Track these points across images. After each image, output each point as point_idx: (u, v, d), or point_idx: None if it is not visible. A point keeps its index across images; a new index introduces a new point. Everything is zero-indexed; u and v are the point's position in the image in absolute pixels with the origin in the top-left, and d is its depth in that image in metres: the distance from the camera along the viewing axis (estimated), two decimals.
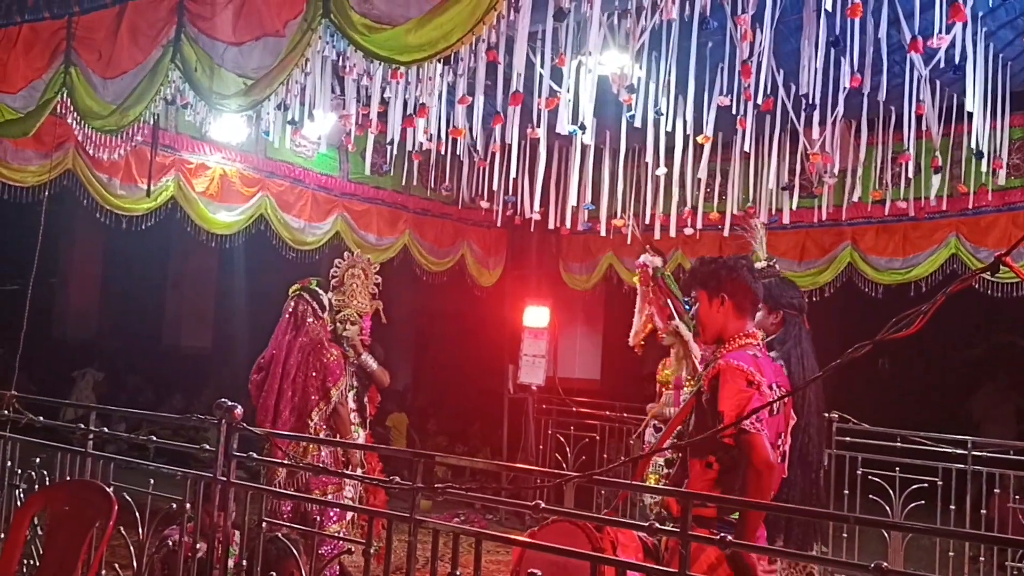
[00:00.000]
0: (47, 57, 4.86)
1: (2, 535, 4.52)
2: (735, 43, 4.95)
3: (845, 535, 6.59)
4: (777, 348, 4.08)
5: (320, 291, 5.70)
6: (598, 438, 8.39)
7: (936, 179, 6.11)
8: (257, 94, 4.08)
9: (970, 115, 5.21)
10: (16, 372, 5.04)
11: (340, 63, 4.85)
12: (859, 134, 6.14)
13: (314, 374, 5.43)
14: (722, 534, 2.54)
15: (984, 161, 5.95)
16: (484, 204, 7.48)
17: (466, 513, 8.37)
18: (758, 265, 4.46)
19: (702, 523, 2.94)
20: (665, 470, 5.50)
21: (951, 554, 6.29)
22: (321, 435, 5.32)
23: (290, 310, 5.55)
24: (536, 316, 9.13)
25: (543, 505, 2.96)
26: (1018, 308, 7.37)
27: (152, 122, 5.52)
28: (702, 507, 3.09)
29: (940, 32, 4.37)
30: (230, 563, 3.92)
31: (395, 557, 3.55)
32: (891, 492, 6.51)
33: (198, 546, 3.85)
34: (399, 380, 11.07)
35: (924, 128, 5.71)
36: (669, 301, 5.33)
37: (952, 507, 6.27)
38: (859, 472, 6.66)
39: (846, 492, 6.60)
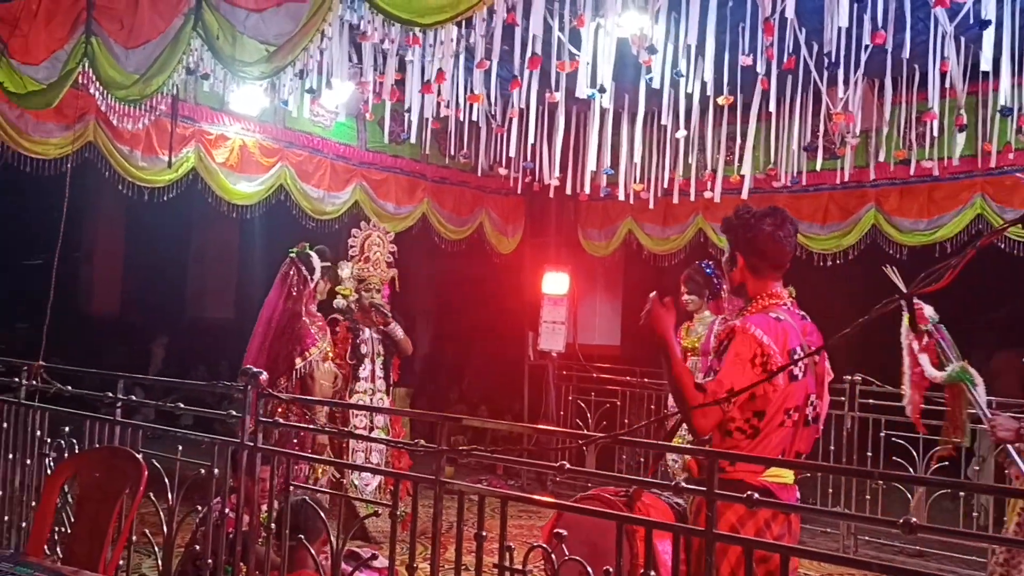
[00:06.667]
0: (68, 27, 4.86)
1: (34, 503, 4.60)
2: (756, 1, 4.88)
3: (868, 496, 6.60)
4: None
5: (312, 255, 5.75)
6: (619, 404, 8.41)
7: (961, 138, 6.03)
8: (279, 61, 4.06)
9: (988, 73, 5.11)
10: (43, 344, 5.09)
11: (359, 28, 4.82)
12: (882, 93, 6.05)
13: (284, 343, 5.52)
14: (749, 492, 2.54)
15: (1010, 119, 5.87)
16: (502, 171, 7.46)
17: (488, 479, 8.42)
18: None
19: (725, 486, 2.93)
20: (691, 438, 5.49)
21: (975, 515, 6.30)
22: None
23: (282, 271, 5.68)
24: (555, 283, 9.12)
25: (568, 466, 2.96)
26: None
27: (172, 93, 5.53)
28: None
29: None
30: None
31: (419, 522, 3.57)
32: (914, 454, 6.51)
33: (228, 512, 3.89)
34: (419, 349, 11.10)
35: (948, 86, 5.62)
36: (943, 345, 4.12)
37: (976, 468, 6.26)
38: (882, 434, 6.66)
39: (869, 454, 6.61)
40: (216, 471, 3.88)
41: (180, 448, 3.98)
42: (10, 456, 4.76)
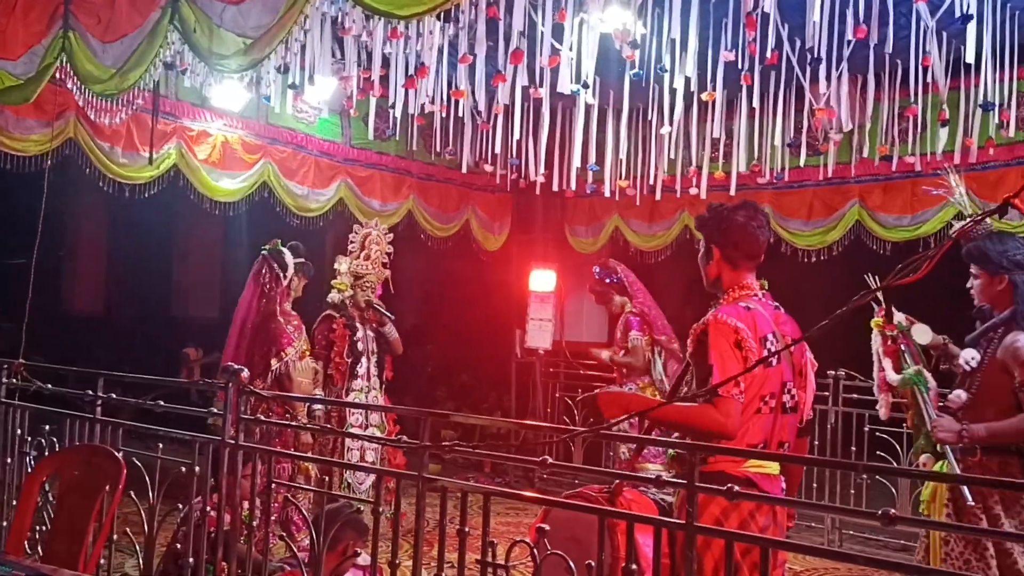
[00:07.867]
0: (45, 22, 4.82)
1: (14, 501, 4.57)
2: None
3: (853, 491, 6.62)
4: (1019, 326, 3.58)
5: (285, 251, 5.73)
6: None
7: (943, 133, 6.05)
8: (256, 53, 4.04)
9: (970, 67, 5.12)
10: (23, 342, 5.05)
11: (340, 22, 4.80)
12: (865, 89, 6.07)
13: (259, 344, 5.50)
14: (729, 485, 2.54)
15: (992, 114, 5.89)
16: (488, 168, 7.45)
17: (476, 476, 8.42)
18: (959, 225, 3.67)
19: (707, 479, 2.92)
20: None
21: None
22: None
23: (255, 269, 5.66)
24: (542, 280, 9.13)
25: (550, 460, 2.97)
26: None
27: (152, 89, 5.49)
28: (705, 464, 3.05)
29: None
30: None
31: (404, 520, 3.55)
32: (898, 449, 6.52)
33: (209, 511, 3.87)
34: (406, 346, 11.07)
35: (931, 81, 5.64)
36: (906, 351, 4.04)
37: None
38: (866, 429, 6.68)
39: (853, 449, 6.63)
40: (197, 469, 3.86)
41: (160, 446, 3.95)
42: None
